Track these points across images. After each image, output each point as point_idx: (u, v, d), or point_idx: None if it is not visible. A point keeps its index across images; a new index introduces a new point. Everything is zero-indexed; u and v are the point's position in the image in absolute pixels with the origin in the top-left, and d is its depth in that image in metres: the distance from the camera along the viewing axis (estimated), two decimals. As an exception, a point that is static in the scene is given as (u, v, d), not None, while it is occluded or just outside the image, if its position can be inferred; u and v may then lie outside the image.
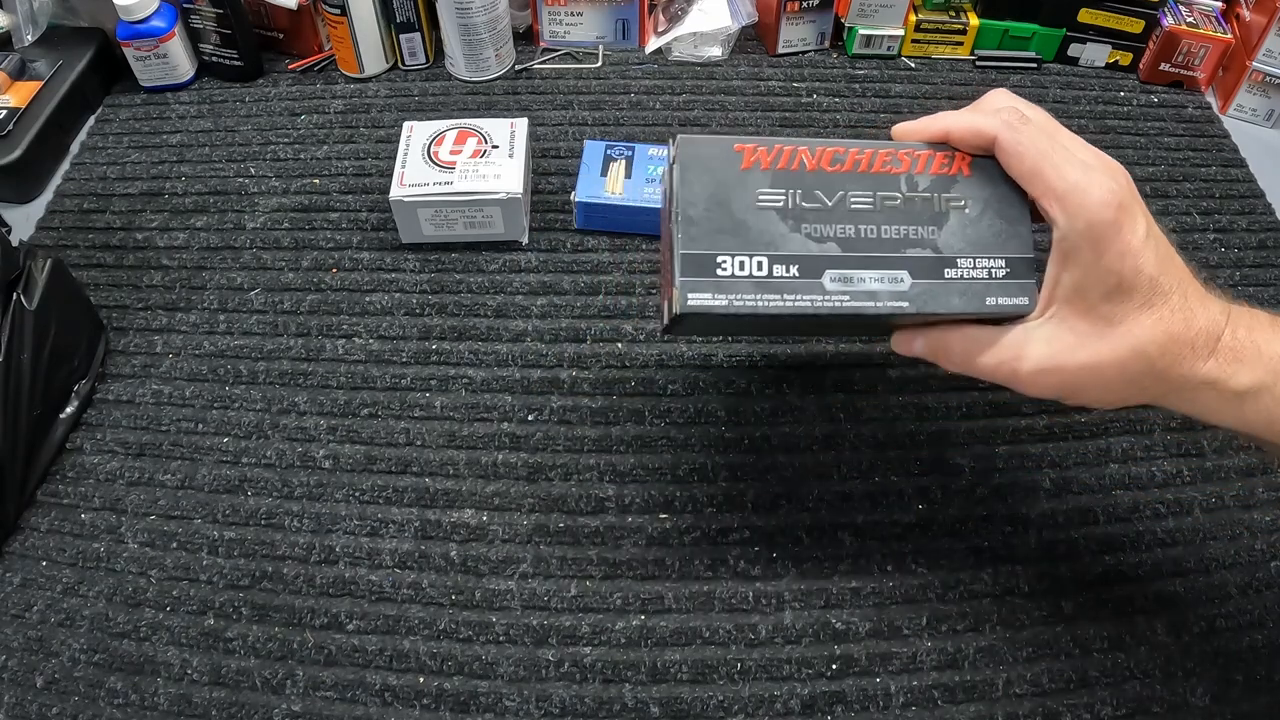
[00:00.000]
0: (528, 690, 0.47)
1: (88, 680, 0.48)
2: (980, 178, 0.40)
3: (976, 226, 0.40)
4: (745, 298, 0.38)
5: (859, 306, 0.39)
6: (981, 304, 0.39)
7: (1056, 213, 0.37)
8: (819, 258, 0.39)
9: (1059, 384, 0.39)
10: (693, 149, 0.39)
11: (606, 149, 0.67)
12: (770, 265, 0.38)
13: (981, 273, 0.39)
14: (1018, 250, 0.40)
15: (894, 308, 0.39)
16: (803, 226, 0.39)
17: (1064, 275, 0.37)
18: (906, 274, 0.39)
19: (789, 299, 0.38)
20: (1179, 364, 0.37)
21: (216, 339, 0.61)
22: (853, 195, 0.40)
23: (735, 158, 0.40)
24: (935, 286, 0.39)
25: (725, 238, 0.38)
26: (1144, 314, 0.36)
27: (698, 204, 0.39)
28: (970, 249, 0.40)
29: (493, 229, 0.64)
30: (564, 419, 0.57)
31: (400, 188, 0.62)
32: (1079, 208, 0.36)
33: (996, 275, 0.39)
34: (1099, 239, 0.36)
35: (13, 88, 0.72)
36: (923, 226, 0.40)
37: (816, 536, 0.52)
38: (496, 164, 0.63)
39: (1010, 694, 0.47)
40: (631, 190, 0.65)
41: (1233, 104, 0.77)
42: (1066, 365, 0.38)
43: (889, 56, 0.80)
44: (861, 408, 0.57)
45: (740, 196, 0.39)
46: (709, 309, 0.38)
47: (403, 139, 0.65)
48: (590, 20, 0.79)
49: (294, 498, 0.54)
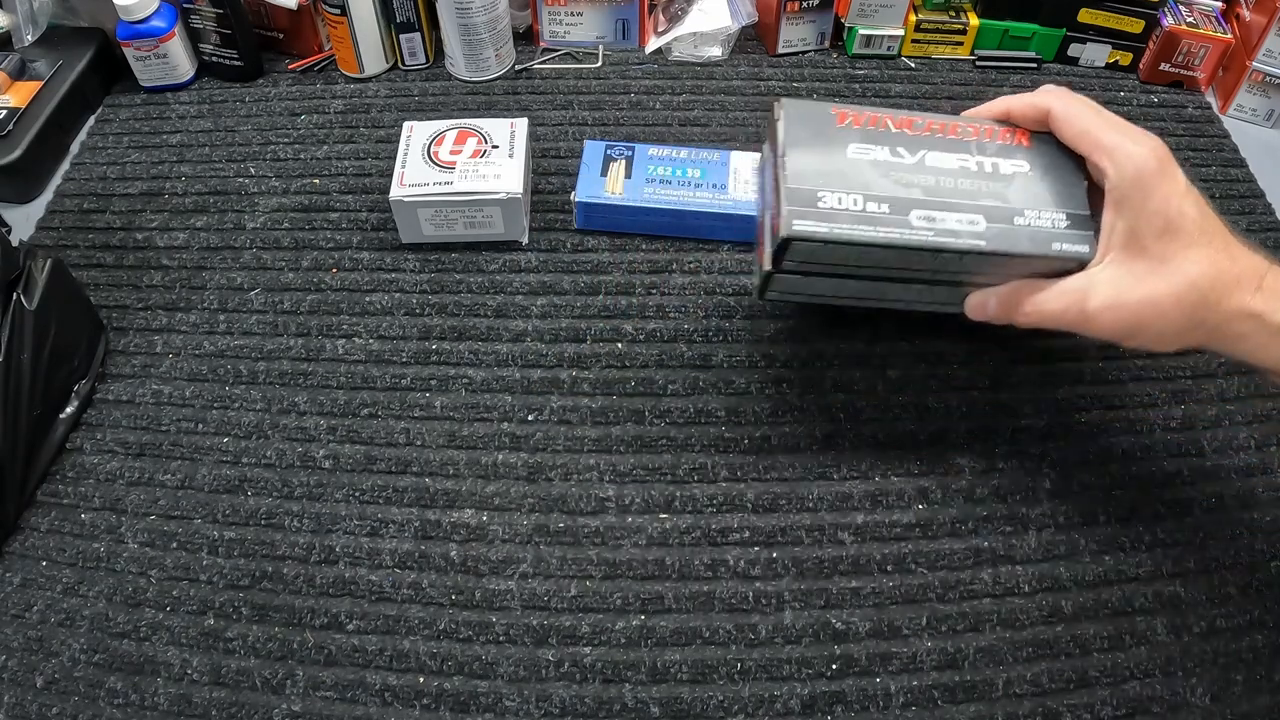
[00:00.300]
0: (528, 690, 0.47)
1: (88, 680, 0.48)
2: (1039, 148, 0.47)
3: (1038, 186, 0.46)
4: (843, 226, 0.45)
5: (942, 241, 0.45)
6: (1048, 248, 0.45)
7: (1106, 164, 0.43)
8: (906, 199, 0.45)
9: (1122, 320, 0.43)
10: (796, 107, 0.48)
11: (607, 149, 0.67)
12: (865, 202, 0.45)
13: (1045, 223, 0.45)
14: (1076, 208, 0.46)
15: (972, 244, 0.45)
16: (890, 174, 0.46)
17: (1118, 222, 0.43)
18: (982, 218, 0.45)
19: (881, 230, 0.45)
20: (1228, 297, 0.41)
21: (216, 339, 0.61)
22: (930, 154, 0.47)
23: (832, 117, 0.48)
24: (1006, 230, 0.45)
25: (825, 178, 0.46)
26: (1192, 250, 0.41)
27: (801, 150, 0.46)
28: (1034, 203, 0.46)
29: (493, 229, 0.64)
30: (564, 419, 0.57)
31: (400, 188, 0.62)
32: (1126, 158, 0.42)
33: (1059, 226, 0.45)
34: (1146, 185, 0.42)
35: (13, 88, 0.72)
36: (991, 183, 0.46)
37: (816, 536, 0.52)
38: (496, 164, 0.63)
39: (1010, 694, 0.47)
40: (631, 190, 0.65)
41: (1233, 104, 0.77)
42: (1128, 301, 0.42)
43: (889, 56, 0.80)
44: (861, 408, 0.57)
45: (837, 147, 0.47)
46: (812, 234, 0.44)
47: (403, 139, 0.65)
48: (590, 20, 0.79)
49: (294, 498, 0.54)
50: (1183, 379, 0.59)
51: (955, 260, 0.46)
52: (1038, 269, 0.46)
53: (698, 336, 0.61)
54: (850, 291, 0.50)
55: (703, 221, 0.64)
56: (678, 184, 0.65)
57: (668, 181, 0.65)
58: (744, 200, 0.64)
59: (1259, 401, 0.58)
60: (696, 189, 0.65)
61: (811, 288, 0.51)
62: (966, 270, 0.47)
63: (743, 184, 0.65)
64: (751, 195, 0.64)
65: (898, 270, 0.48)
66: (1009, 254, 0.45)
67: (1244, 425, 0.57)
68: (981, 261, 0.46)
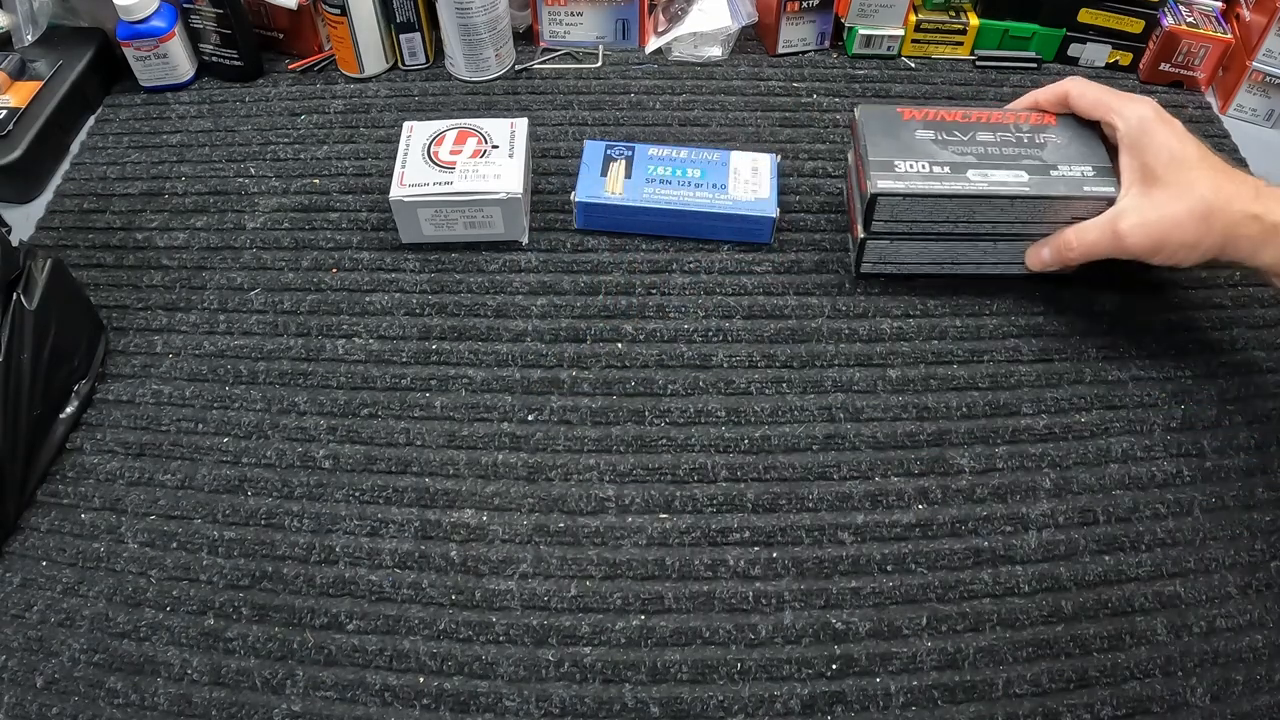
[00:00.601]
0: (528, 690, 0.47)
1: (88, 680, 0.48)
2: (1064, 124, 0.60)
3: (1067, 149, 0.59)
4: (916, 183, 0.57)
5: (995, 189, 0.57)
6: (1080, 189, 0.57)
7: (1116, 119, 0.55)
8: (963, 163, 0.58)
9: (1150, 235, 0.52)
10: (870, 109, 0.61)
11: (607, 149, 0.67)
12: (931, 166, 0.58)
13: (1076, 173, 0.58)
14: (1099, 161, 0.58)
15: (1019, 190, 0.57)
16: (948, 148, 0.59)
17: (1132, 161, 0.54)
18: (1024, 173, 0.58)
19: (946, 184, 0.57)
20: (1231, 204, 0.50)
21: (216, 339, 0.61)
22: (979, 133, 0.60)
23: (898, 115, 0.61)
24: (1045, 180, 0.57)
25: (898, 153, 0.59)
26: (1197, 172, 0.52)
27: (878, 135, 0.60)
28: (1065, 159, 0.58)
29: (493, 229, 0.64)
30: (564, 419, 0.57)
31: (400, 188, 0.62)
32: (1132, 111, 0.55)
33: (1087, 174, 0.57)
34: (1150, 128, 0.54)
35: (13, 88, 0.72)
36: (1029, 149, 0.59)
37: (816, 536, 0.52)
38: (496, 164, 0.63)
39: (1010, 694, 0.47)
40: (631, 190, 0.65)
41: (1233, 104, 0.77)
42: (1151, 220, 0.52)
43: (889, 56, 0.80)
44: (861, 408, 0.57)
45: (905, 134, 0.60)
46: (892, 190, 0.57)
47: (403, 139, 0.65)
48: (590, 20, 0.79)
49: (294, 498, 0.54)
50: (1183, 379, 0.59)
51: (1008, 206, 0.58)
52: (1075, 211, 0.57)
53: (698, 336, 0.61)
54: (930, 257, 0.62)
55: (702, 221, 0.64)
56: (678, 184, 0.65)
57: (668, 181, 0.65)
58: (744, 200, 0.64)
59: (1259, 401, 0.58)
60: (697, 189, 0.65)
61: (898, 254, 0.62)
62: (1019, 218, 0.58)
63: (743, 184, 0.65)
64: (750, 194, 0.64)
65: (965, 225, 0.59)
66: (1050, 196, 0.57)
67: (1244, 425, 0.57)
68: (1029, 207, 0.58)
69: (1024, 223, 0.58)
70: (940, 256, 0.62)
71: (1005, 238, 0.60)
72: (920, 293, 0.63)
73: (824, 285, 0.63)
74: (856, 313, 0.62)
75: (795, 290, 0.63)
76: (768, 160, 0.66)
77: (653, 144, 0.68)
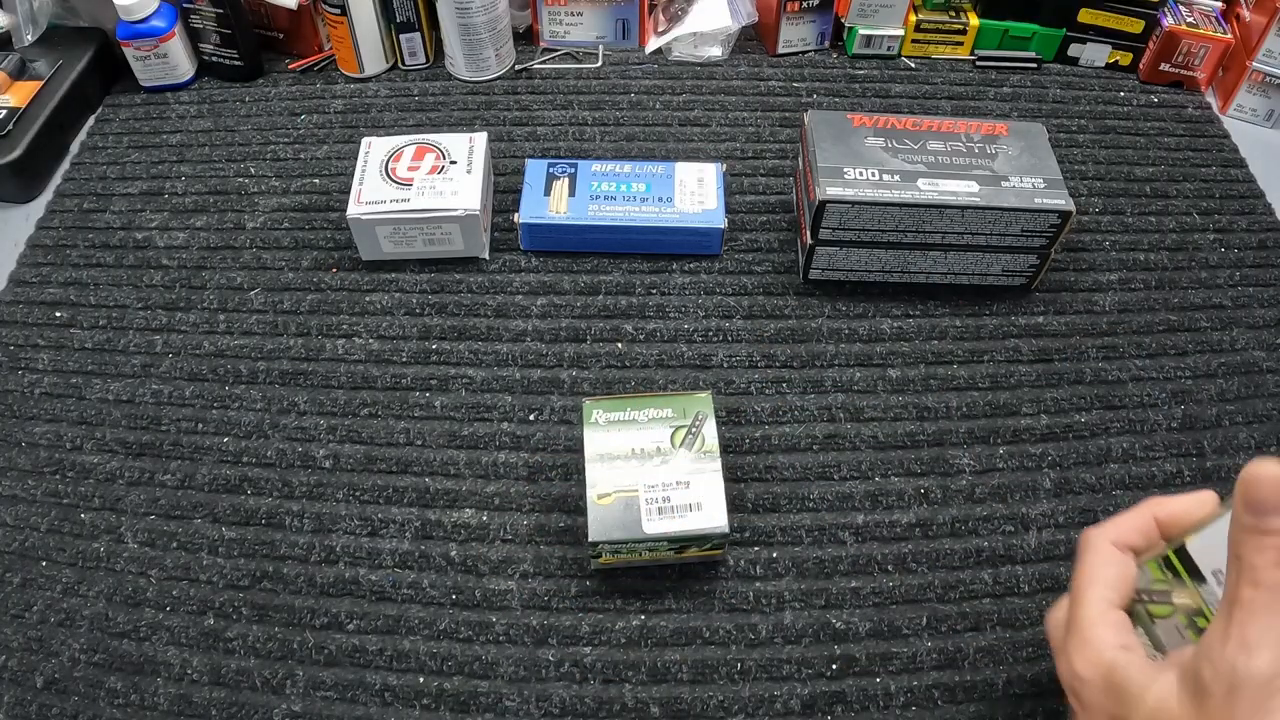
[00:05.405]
0: (528, 690, 0.47)
1: (88, 680, 0.48)
2: (1015, 135, 0.60)
3: (1018, 161, 0.59)
4: (865, 191, 0.56)
5: (945, 199, 0.56)
6: (1031, 202, 0.56)
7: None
8: (913, 171, 0.58)
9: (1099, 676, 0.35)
10: (819, 115, 0.61)
11: (549, 167, 0.65)
12: (880, 174, 0.57)
13: (1027, 185, 0.57)
14: (1050, 174, 0.58)
15: (969, 201, 0.56)
16: (899, 156, 0.59)
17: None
18: (975, 184, 0.57)
19: (895, 193, 0.57)
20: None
21: (216, 339, 0.61)
22: (930, 142, 0.60)
23: (848, 120, 0.61)
24: (996, 191, 0.57)
25: (848, 159, 0.58)
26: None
27: (827, 141, 0.59)
28: (1017, 172, 0.58)
29: (452, 246, 0.63)
30: (564, 419, 0.57)
31: (358, 205, 0.61)
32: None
33: (1039, 187, 0.57)
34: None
35: (13, 88, 0.72)
36: (981, 160, 0.59)
37: (816, 536, 0.52)
38: (454, 180, 0.62)
39: (1010, 694, 0.47)
40: (576, 208, 0.63)
41: (1233, 104, 0.77)
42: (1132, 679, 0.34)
43: (889, 56, 0.80)
44: (861, 408, 0.57)
45: (855, 140, 0.60)
46: (841, 197, 0.56)
47: (360, 154, 0.64)
48: (590, 20, 0.79)
49: (294, 498, 0.54)
50: (1183, 379, 0.59)
51: (958, 217, 0.57)
52: (1025, 223, 0.57)
53: (698, 336, 0.61)
54: (880, 265, 0.60)
55: (650, 236, 0.63)
56: (623, 199, 0.63)
57: (612, 197, 0.64)
58: (690, 212, 0.63)
59: (1259, 401, 0.58)
60: (643, 203, 0.63)
61: (847, 261, 0.61)
62: (969, 229, 0.58)
63: (689, 195, 0.64)
64: (697, 206, 0.63)
65: (914, 234, 0.58)
66: (1000, 208, 0.56)
67: (1244, 425, 0.57)
68: (979, 218, 0.57)
69: (973, 234, 0.58)
70: (890, 264, 0.61)
71: (955, 248, 0.59)
72: (919, 292, 0.63)
73: (824, 285, 0.63)
74: (856, 313, 0.62)
75: (795, 290, 0.63)
76: (713, 170, 0.65)
77: (595, 160, 0.66)
